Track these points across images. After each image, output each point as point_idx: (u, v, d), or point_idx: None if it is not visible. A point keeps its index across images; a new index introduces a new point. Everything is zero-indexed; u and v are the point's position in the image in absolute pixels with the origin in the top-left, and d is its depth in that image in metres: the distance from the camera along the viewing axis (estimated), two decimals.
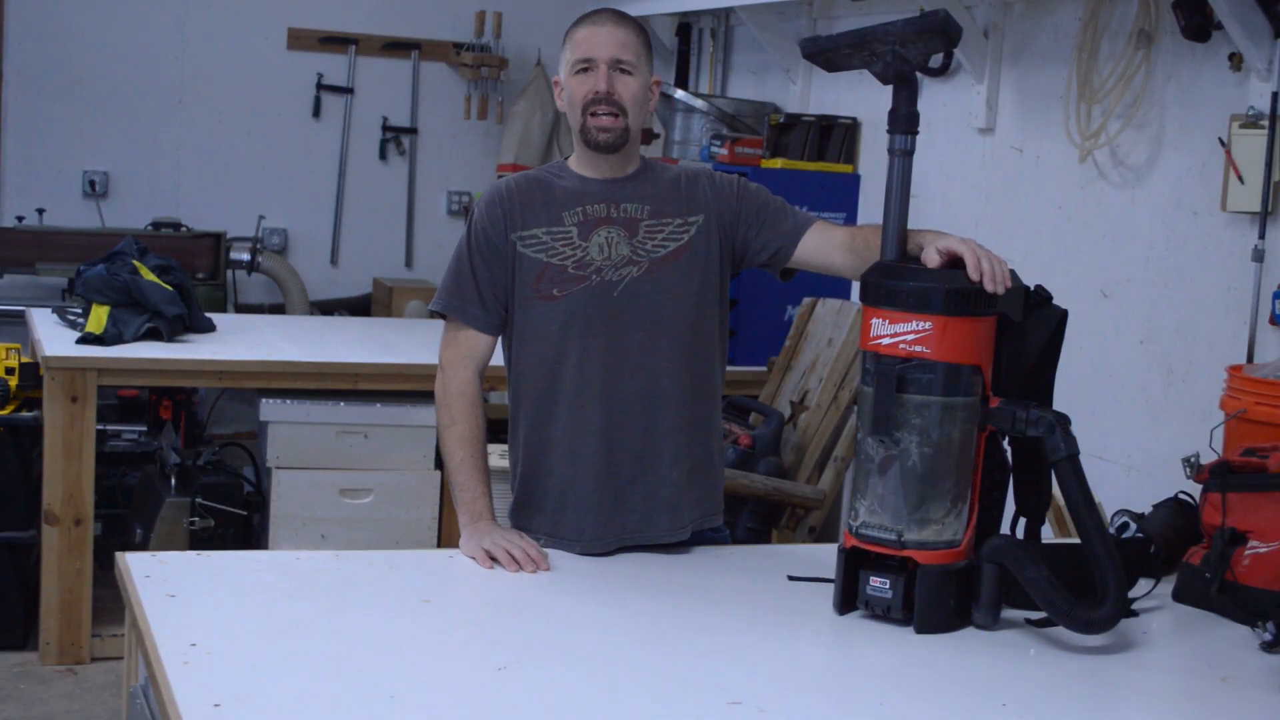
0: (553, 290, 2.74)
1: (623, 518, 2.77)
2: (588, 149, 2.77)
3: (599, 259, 2.75)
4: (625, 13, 2.82)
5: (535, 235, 2.76)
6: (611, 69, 2.73)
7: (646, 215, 2.78)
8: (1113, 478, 4.03)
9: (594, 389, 2.74)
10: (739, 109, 5.75)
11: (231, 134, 7.06)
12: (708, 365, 2.83)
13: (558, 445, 2.78)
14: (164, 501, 4.85)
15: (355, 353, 4.94)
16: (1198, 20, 3.79)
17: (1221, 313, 3.82)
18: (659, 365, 2.76)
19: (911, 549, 2.37)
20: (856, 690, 2.18)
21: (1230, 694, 2.24)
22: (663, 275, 2.76)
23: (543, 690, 2.06)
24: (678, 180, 2.84)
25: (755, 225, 2.82)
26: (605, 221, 2.76)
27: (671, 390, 2.77)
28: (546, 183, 2.81)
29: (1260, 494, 2.59)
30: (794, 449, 4.59)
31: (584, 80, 2.74)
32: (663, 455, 2.78)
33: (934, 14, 2.48)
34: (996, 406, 2.40)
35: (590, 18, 2.79)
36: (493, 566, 2.62)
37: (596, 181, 2.79)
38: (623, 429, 2.76)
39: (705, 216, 2.81)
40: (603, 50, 2.73)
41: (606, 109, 2.72)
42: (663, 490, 2.78)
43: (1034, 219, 4.51)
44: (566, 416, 2.76)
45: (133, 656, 2.36)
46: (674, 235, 2.79)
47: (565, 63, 2.78)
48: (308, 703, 1.96)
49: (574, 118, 2.77)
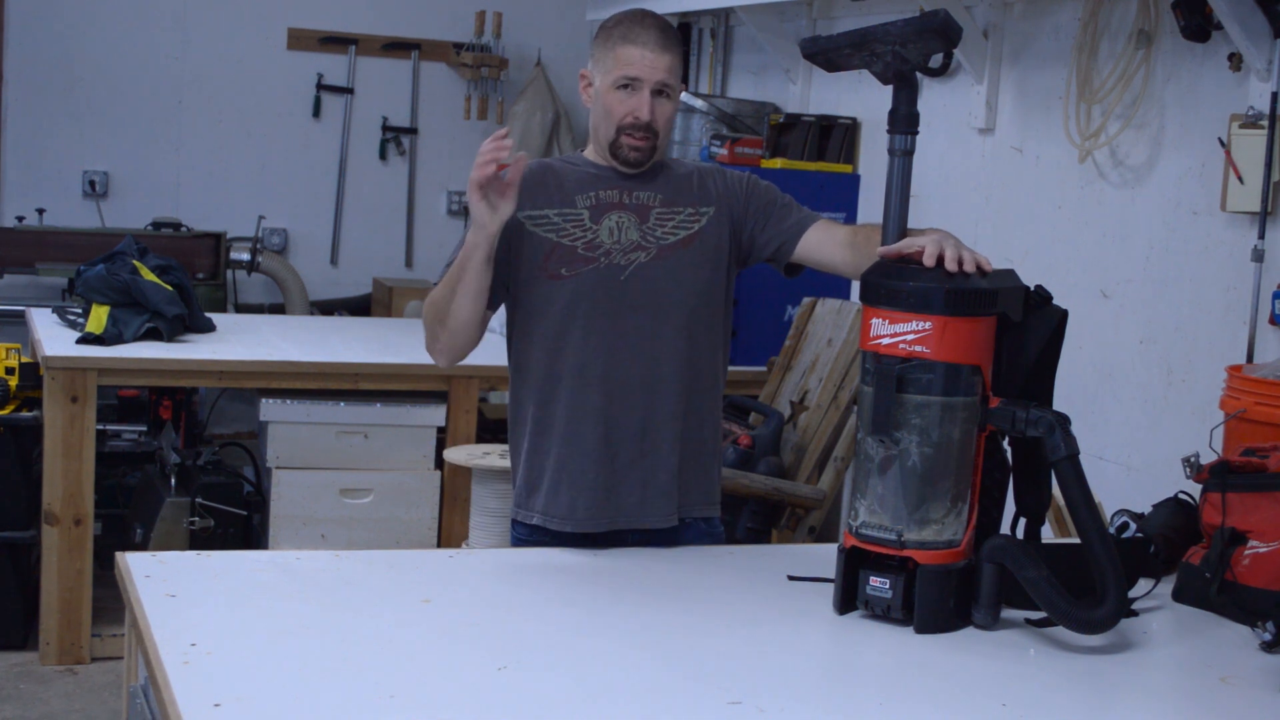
0: (560, 270, 2.76)
1: (618, 500, 2.79)
2: (614, 159, 2.80)
3: (608, 242, 2.77)
4: (668, 24, 2.81)
5: (545, 215, 2.78)
6: (654, 94, 2.74)
7: (658, 203, 2.81)
8: (1112, 478, 4.03)
9: (595, 370, 2.76)
10: (739, 109, 5.75)
11: (231, 134, 7.07)
12: (710, 355, 2.84)
13: (557, 424, 2.79)
14: (164, 501, 4.85)
15: (355, 353, 4.95)
16: (1197, 20, 3.79)
17: (1221, 313, 3.82)
18: (661, 351, 2.78)
19: (911, 549, 2.37)
20: (856, 690, 2.18)
21: (1230, 694, 2.24)
22: (670, 262, 2.78)
23: (543, 690, 2.06)
24: (690, 175, 2.87)
25: (761, 220, 2.84)
26: (617, 206, 2.79)
27: (672, 376, 2.79)
28: (560, 169, 2.84)
29: (1260, 494, 2.59)
30: (794, 449, 4.59)
31: (625, 99, 2.75)
32: (661, 440, 2.79)
33: (934, 14, 2.48)
34: (996, 406, 2.40)
35: (639, 33, 2.75)
36: (483, 192, 2.59)
37: (611, 170, 2.82)
38: (622, 412, 2.77)
39: (716, 208, 2.83)
40: (650, 74, 2.73)
41: (643, 134, 2.75)
42: (659, 475, 2.80)
43: (1034, 219, 4.51)
44: (567, 396, 2.78)
45: (133, 656, 2.36)
46: (684, 224, 2.81)
47: (605, 71, 2.77)
48: (308, 703, 1.96)
49: (605, 128, 2.78)
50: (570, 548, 2.78)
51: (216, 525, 4.86)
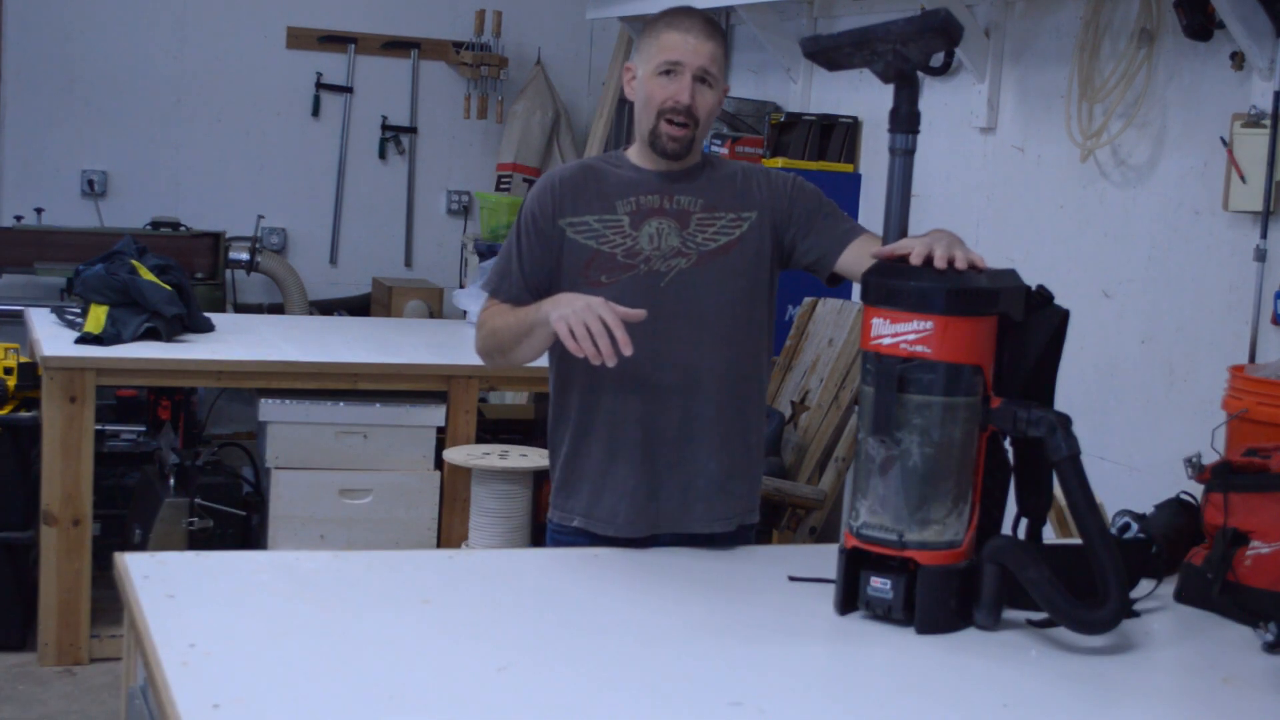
0: (600, 277, 2.76)
1: (658, 505, 2.80)
2: (651, 150, 2.78)
3: (648, 249, 2.76)
4: (712, 18, 2.81)
5: (586, 222, 2.78)
6: (696, 80, 2.73)
7: (700, 209, 2.79)
8: (1114, 478, 4.03)
9: (635, 377, 2.75)
10: (740, 108, 5.75)
11: (230, 133, 7.06)
12: (751, 361, 2.84)
13: (599, 429, 2.80)
14: (163, 502, 4.84)
15: (355, 353, 4.94)
16: (1199, 19, 3.79)
17: (1223, 312, 3.82)
18: (700, 358, 2.78)
19: (913, 549, 2.36)
20: (857, 691, 2.18)
21: (1232, 695, 2.24)
22: (711, 269, 2.78)
23: (543, 690, 2.05)
24: (734, 176, 2.85)
25: (804, 228, 2.83)
26: (657, 212, 2.78)
27: (712, 383, 2.79)
28: (602, 171, 2.82)
29: (1262, 494, 2.58)
30: (795, 449, 4.59)
31: (666, 84, 2.74)
32: (700, 446, 2.79)
33: (935, 13, 2.47)
34: (998, 407, 2.39)
35: (682, 20, 2.76)
36: (577, 346, 2.54)
37: (653, 173, 2.81)
38: (662, 417, 2.77)
39: (759, 213, 2.82)
40: (693, 58, 2.73)
41: (682, 119, 2.73)
42: (699, 481, 2.80)
43: (1035, 219, 4.50)
44: (609, 401, 2.78)
45: (131, 657, 2.35)
46: (725, 229, 2.80)
47: (648, 59, 2.76)
48: (307, 703, 1.95)
49: (646, 116, 2.77)
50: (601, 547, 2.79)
51: (215, 526, 4.85)
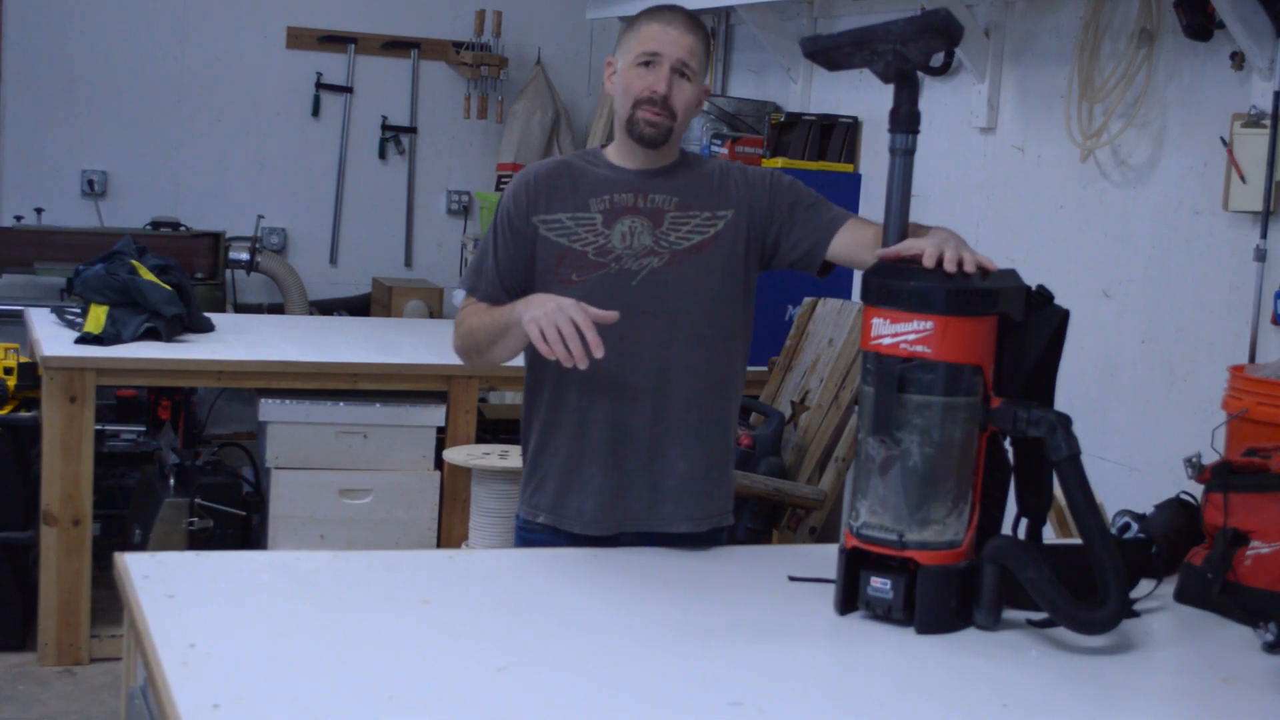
0: (571, 275, 2.75)
1: (625, 504, 2.78)
2: (629, 139, 2.77)
3: (620, 247, 2.75)
4: (695, 15, 2.81)
5: (559, 219, 2.77)
6: (674, 72, 2.73)
7: (673, 207, 2.78)
8: (1114, 478, 4.03)
9: (605, 376, 2.73)
10: (739, 108, 5.75)
11: (230, 133, 7.06)
12: (724, 361, 2.82)
13: (567, 427, 2.79)
14: (163, 502, 4.84)
15: (355, 353, 4.94)
16: (1199, 19, 3.78)
17: (1223, 312, 3.82)
18: (672, 357, 2.76)
19: (913, 549, 2.36)
20: (857, 691, 2.18)
21: (1232, 695, 2.24)
22: (684, 268, 2.76)
23: (543, 690, 2.05)
24: (711, 175, 2.83)
25: (787, 223, 2.81)
26: (631, 211, 2.77)
27: (683, 383, 2.77)
28: (578, 169, 2.82)
29: (1262, 494, 2.58)
30: (795, 449, 4.59)
31: (644, 75, 2.73)
32: (670, 446, 2.78)
33: (935, 13, 2.47)
34: (998, 407, 2.39)
35: (663, 13, 2.77)
36: (547, 348, 2.53)
37: (629, 171, 2.80)
38: (632, 417, 2.76)
39: (735, 212, 2.80)
40: (672, 50, 2.73)
41: (659, 109, 2.72)
42: (668, 481, 2.78)
43: (1035, 218, 4.50)
44: (578, 400, 2.77)
45: (131, 657, 2.35)
46: (700, 228, 2.78)
47: (628, 50, 2.77)
48: (307, 703, 1.95)
49: (623, 106, 2.76)
50: (574, 547, 2.78)
51: (215, 526, 4.85)
